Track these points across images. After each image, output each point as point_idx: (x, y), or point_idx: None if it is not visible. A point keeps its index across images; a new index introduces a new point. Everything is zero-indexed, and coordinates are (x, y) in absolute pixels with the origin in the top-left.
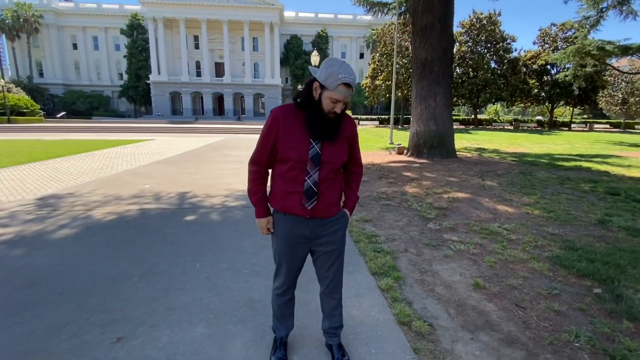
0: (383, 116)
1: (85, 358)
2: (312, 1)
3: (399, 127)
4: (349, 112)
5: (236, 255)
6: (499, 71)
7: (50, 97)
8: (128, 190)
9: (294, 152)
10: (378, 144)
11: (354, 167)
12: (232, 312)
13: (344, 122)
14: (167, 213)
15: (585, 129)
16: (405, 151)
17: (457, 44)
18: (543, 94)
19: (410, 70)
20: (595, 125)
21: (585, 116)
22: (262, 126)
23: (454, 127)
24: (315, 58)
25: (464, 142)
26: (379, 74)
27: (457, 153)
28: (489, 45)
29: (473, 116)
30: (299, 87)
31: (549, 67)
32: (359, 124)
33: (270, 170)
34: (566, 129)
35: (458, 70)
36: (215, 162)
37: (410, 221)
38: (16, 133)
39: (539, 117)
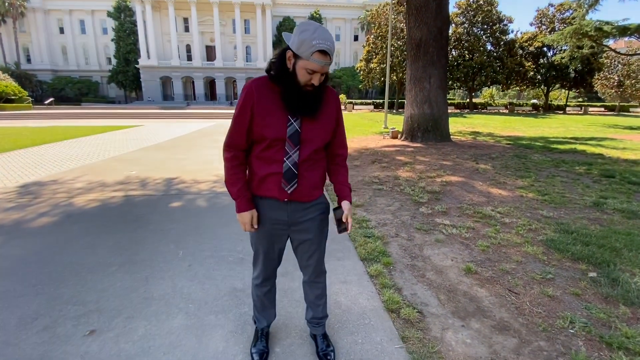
0: (378, 100)
1: (56, 352)
2: None
3: (394, 111)
4: (342, 97)
5: (221, 243)
6: (495, 53)
7: (38, 84)
8: (114, 176)
9: (270, 129)
10: (372, 128)
11: (339, 149)
12: (213, 302)
13: (326, 96)
14: (152, 200)
15: (580, 112)
16: (399, 135)
17: (453, 25)
18: (539, 76)
19: (406, 53)
20: (590, 109)
21: (580, 99)
22: None
23: (449, 110)
24: None
25: (459, 125)
26: (374, 56)
27: (452, 137)
28: (485, 26)
29: (468, 100)
30: (272, 57)
31: (545, 49)
32: (353, 108)
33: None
34: (561, 112)
35: (454, 52)
36: (205, 148)
37: (402, 205)
38: (3, 120)
39: (534, 101)
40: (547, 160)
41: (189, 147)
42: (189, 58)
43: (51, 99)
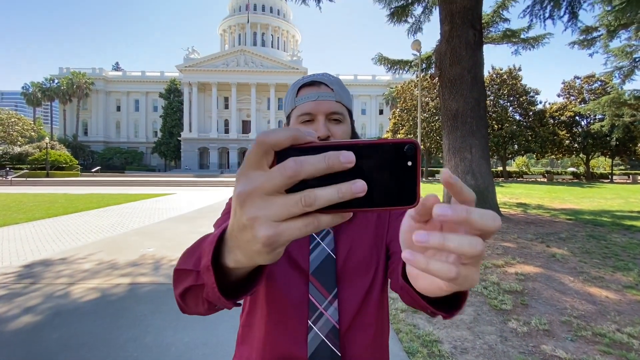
0: None
1: None
2: (334, 63)
3: (423, 179)
4: None
5: None
6: (524, 123)
7: (90, 153)
8: (128, 255)
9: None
10: None
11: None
12: None
13: None
14: (160, 291)
15: (628, 181)
16: None
17: None
18: (576, 145)
19: (432, 124)
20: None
21: (622, 167)
22: None
23: None
24: None
25: (500, 196)
26: (400, 128)
27: (499, 209)
28: (511, 98)
29: (501, 168)
30: None
31: (578, 118)
32: None
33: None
34: (607, 180)
35: None
36: None
37: (478, 314)
38: (49, 186)
39: (572, 169)
40: (635, 243)
41: (215, 219)
42: (226, 131)
43: (98, 168)
